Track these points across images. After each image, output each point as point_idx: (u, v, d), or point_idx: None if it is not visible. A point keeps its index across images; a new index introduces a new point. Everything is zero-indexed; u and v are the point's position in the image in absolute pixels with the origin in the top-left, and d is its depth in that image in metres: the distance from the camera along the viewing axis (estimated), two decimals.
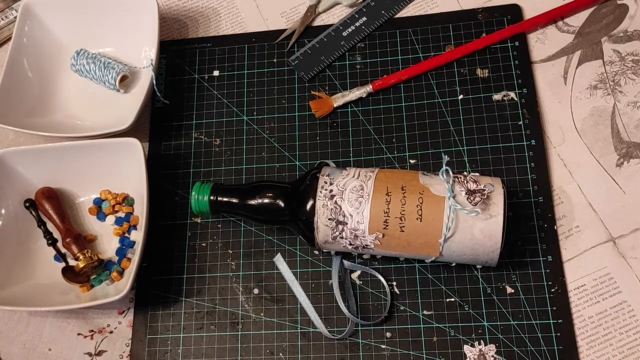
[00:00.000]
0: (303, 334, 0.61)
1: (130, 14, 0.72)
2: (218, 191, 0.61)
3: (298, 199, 0.58)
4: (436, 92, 0.68)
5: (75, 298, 0.63)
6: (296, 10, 0.76)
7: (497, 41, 0.68)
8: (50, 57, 0.74)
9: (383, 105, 0.69)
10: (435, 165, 0.65)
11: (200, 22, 0.78)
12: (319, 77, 0.71)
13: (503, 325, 0.58)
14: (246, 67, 0.73)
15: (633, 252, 0.60)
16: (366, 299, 0.61)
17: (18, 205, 0.67)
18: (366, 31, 0.72)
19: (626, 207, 0.61)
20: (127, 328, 0.64)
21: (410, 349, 0.59)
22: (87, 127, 0.71)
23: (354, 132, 0.68)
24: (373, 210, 0.54)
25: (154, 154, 0.71)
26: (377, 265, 0.62)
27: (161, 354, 0.62)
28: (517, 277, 0.60)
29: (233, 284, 0.64)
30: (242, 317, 0.62)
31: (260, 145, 0.69)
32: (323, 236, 0.57)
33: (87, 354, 0.63)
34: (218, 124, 0.71)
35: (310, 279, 0.63)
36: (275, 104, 0.71)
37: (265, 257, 0.64)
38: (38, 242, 0.67)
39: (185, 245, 0.66)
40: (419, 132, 0.67)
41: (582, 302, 0.59)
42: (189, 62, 0.75)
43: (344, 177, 0.56)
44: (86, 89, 0.74)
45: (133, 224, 0.67)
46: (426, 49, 0.70)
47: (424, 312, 0.60)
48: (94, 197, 0.69)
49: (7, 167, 0.66)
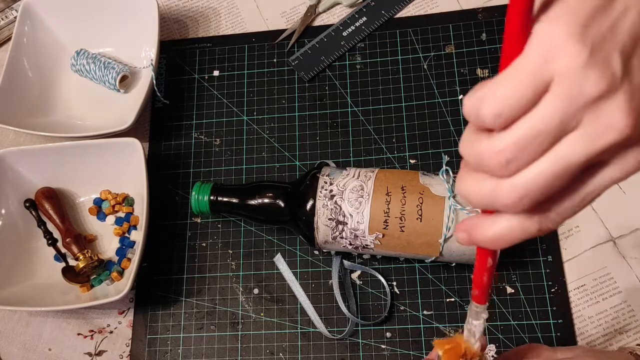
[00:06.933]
0: (303, 334, 0.61)
1: (130, 14, 0.72)
2: (218, 191, 0.61)
3: (298, 199, 0.58)
4: (436, 92, 0.68)
5: (75, 298, 0.63)
6: (296, 10, 0.76)
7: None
8: (50, 57, 0.74)
9: (383, 105, 0.69)
10: (435, 165, 0.65)
11: (200, 22, 0.78)
12: (319, 77, 0.71)
13: (503, 325, 0.58)
14: (246, 67, 0.73)
15: (633, 252, 0.60)
16: (366, 299, 0.61)
17: (18, 205, 0.67)
18: (366, 31, 0.72)
19: (626, 207, 0.61)
20: (127, 328, 0.64)
21: (410, 349, 0.59)
22: (87, 127, 0.71)
23: (354, 132, 0.68)
24: (373, 210, 0.54)
25: (154, 154, 0.71)
26: (377, 265, 0.62)
27: (161, 354, 0.62)
28: (517, 277, 0.60)
29: (233, 284, 0.64)
30: (242, 317, 0.62)
31: (260, 145, 0.69)
32: (323, 236, 0.57)
33: (87, 354, 0.63)
34: (218, 124, 0.71)
35: (310, 279, 0.63)
36: (275, 104, 0.71)
37: (265, 257, 0.64)
38: (38, 242, 0.67)
39: (185, 245, 0.66)
40: (419, 132, 0.67)
41: (582, 302, 0.59)
42: (189, 62, 0.75)
43: (344, 177, 0.56)
44: (86, 89, 0.74)
45: (133, 224, 0.67)
46: (426, 49, 0.70)
47: (424, 312, 0.60)
48: (94, 197, 0.69)
49: (7, 167, 0.66)
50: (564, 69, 0.23)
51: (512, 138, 0.24)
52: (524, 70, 0.24)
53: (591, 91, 0.23)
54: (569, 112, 0.24)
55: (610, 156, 0.25)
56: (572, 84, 0.23)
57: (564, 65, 0.23)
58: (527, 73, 0.24)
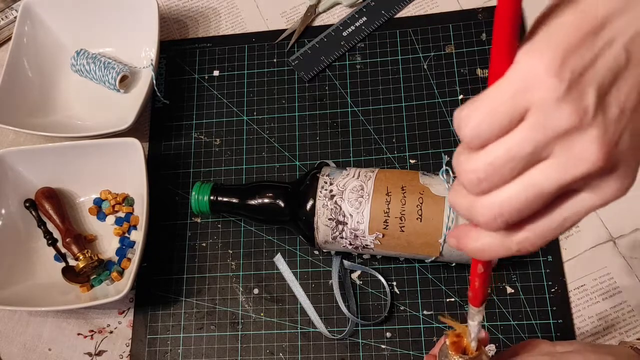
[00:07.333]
0: (303, 334, 0.61)
1: (130, 14, 0.72)
2: (218, 191, 0.61)
3: (298, 199, 0.58)
4: (436, 92, 0.68)
5: (75, 298, 0.63)
6: (296, 10, 0.76)
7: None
8: (50, 57, 0.74)
9: (383, 105, 0.69)
10: (435, 165, 0.65)
11: (200, 22, 0.78)
12: (319, 77, 0.71)
13: (503, 325, 0.58)
14: (246, 67, 0.73)
15: (633, 252, 0.60)
16: (366, 299, 0.61)
17: (18, 205, 0.67)
18: (366, 31, 0.72)
19: (626, 207, 0.61)
20: (127, 328, 0.64)
21: (410, 349, 0.59)
22: (87, 127, 0.71)
23: (354, 132, 0.68)
24: (373, 210, 0.54)
25: (154, 154, 0.71)
26: (377, 265, 0.62)
27: (161, 354, 0.62)
28: (517, 277, 0.60)
29: (233, 284, 0.64)
30: (242, 317, 0.62)
31: (260, 145, 0.69)
32: (323, 236, 0.57)
33: (87, 354, 0.63)
34: (218, 124, 0.71)
35: (310, 279, 0.63)
36: (275, 104, 0.71)
37: (265, 257, 0.64)
38: (38, 242, 0.67)
39: (185, 245, 0.66)
40: (419, 132, 0.67)
41: (582, 302, 0.59)
42: (189, 62, 0.75)
43: (344, 177, 0.56)
44: (86, 89, 0.74)
45: (133, 224, 0.67)
46: (426, 49, 0.70)
47: (424, 312, 0.60)
48: (94, 197, 0.69)
49: (7, 167, 0.66)
50: (539, 100, 0.24)
51: (485, 159, 0.26)
52: (502, 95, 0.25)
53: (563, 124, 0.24)
54: (542, 141, 0.25)
55: (586, 185, 0.26)
56: (546, 116, 0.24)
57: (540, 98, 0.24)
58: (505, 99, 0.25)
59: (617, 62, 0.24)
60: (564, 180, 0.25)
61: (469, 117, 0.26)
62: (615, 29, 0.24)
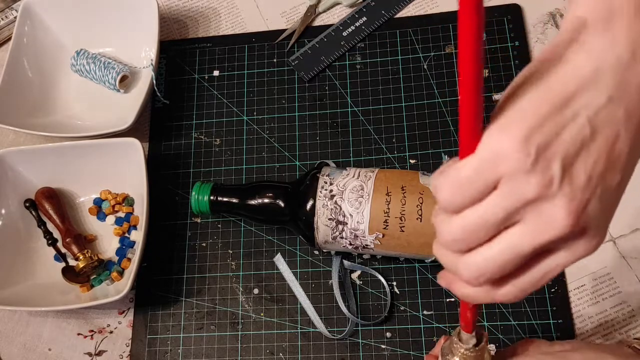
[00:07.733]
0: (303, 334, 0.61)
1: (130, 14, 0.72)
2: (218, 191, 0.61)
3: (298, 199, 0.58)
4: (436, 92, 0.68)
5: (75, 298, 0.63)
6: (296, 10, 0.76)
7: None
8: (50, 57, 0.74)
9: (383, 105, 0.69)
10: (435, 165, 0.65)
11: (200, 22, 0.78)
12: (319, 77, 0.71)
13: (503, 325, 0.58)
14: (246, 67, 0.73)
15: (633, 252, 0.60)
16: (366, 299, 0.61)
17: (18, 205, 0.67)
18: (366, 31, 0.72)
19: (626, 207, 0.61)
20: (127, 328, 0.64)
21: (410, 349, 0.59)
22: (87, 127, 0.71)
23: (354, 132, 0.68)
24: (373, 210, 0.54)
25: (154, 154, 0.71)
26: (377, 265, 0.62)
27: (161, 354, 0.62)
28: None
29: (233, 284, 0.64)
30: (242, 317, 0.62)
31: (260, 145, 0.69)
32: (323, 236, 0.57)
33: (87, 354, 0.63)
34: (218, 124, 0.71)
35: (310, 279, 0.63)
36: (275, 104, 0.71)
37: (265, 257, 0.64)
38: (38, 242, 0.67)
39: (185, 245, 0.66)
40: (419, 132, 0.67)
41: (582, 302, 0.59)
42: (189, 62, 0.75)
43: (344, 177, 0.56)
44: (86, 89, 0.74)
45: (133, 224, 0.67)
46: (426, 49, 0.70)
47: (424, 312, 0.60)
48: (94, 197, 0.69)
49: (7, 167, 0.66)
50: (509, 172, 0.26)
51: (460, 223, 0.28)
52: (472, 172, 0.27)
53: (531, 194, 0.26)
54: (512, 208, 0.27)
55: (559, 245, 0.28)
56: (515, 186, 0.26)
57: (509, 170, 0.26)
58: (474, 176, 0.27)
59: (582, 134, 0.26)
60: (537, 244, 0.27)
61: (442, 186, 0.28)
62: (579, 104, 0.26)
